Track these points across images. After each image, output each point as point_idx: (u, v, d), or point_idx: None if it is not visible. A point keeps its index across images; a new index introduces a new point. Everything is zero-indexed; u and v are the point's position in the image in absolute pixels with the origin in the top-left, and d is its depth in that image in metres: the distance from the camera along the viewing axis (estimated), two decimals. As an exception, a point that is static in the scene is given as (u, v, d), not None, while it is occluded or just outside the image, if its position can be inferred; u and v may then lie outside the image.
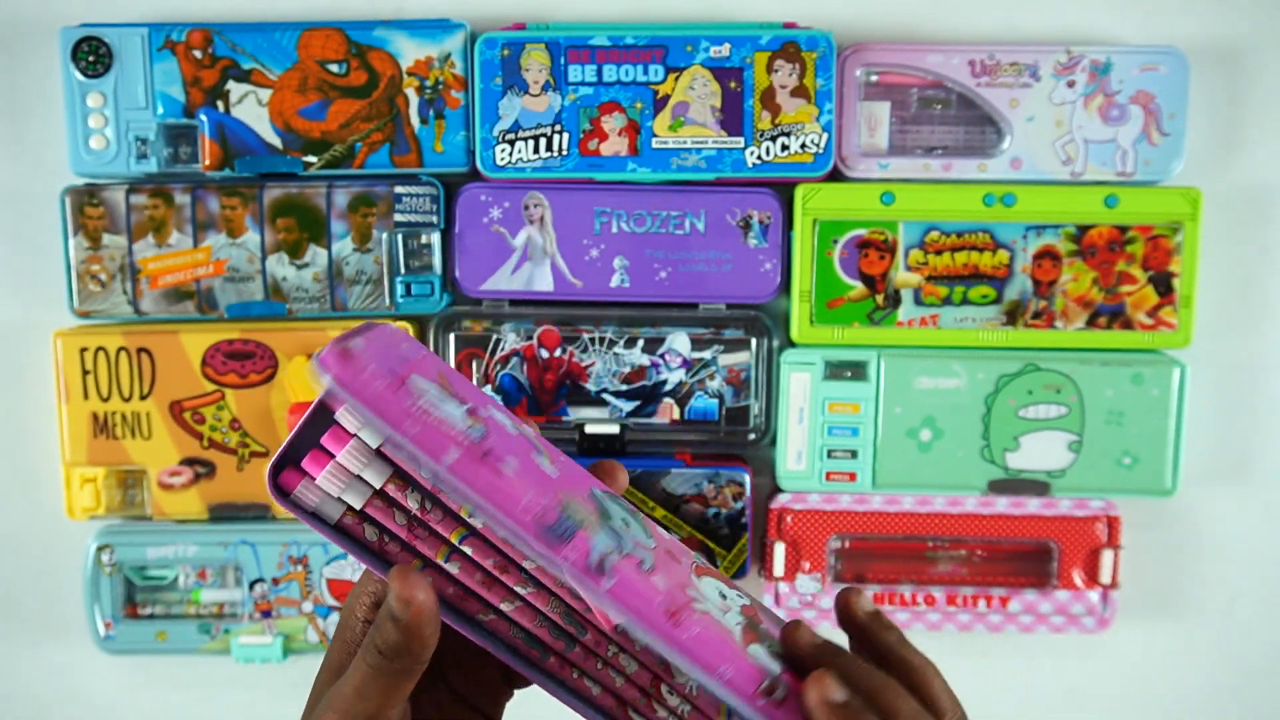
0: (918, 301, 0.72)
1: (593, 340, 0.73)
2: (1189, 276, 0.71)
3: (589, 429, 0.73)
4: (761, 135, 0.70)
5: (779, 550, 0.74)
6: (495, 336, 0.73)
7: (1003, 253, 0.71)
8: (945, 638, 0.78)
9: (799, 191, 0.71)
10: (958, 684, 0.87)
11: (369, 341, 0.36)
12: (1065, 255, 0.71)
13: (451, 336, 0.73)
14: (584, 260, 0.72)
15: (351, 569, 0.75)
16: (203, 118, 0.71)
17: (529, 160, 0.70)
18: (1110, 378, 0.72)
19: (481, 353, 0.73)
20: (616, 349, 0.73)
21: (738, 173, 0.70)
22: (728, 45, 0.69)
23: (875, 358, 0.72)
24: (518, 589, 0.38)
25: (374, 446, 0.37)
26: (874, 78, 0.71)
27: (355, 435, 0.37)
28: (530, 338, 0.73)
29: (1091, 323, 0.72)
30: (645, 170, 0.70)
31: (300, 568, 0.74)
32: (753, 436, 0.74)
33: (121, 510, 0.74)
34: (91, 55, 0.70)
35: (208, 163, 0.71)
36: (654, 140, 0.70)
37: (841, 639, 0.41)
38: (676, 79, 0.70)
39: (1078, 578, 0.74)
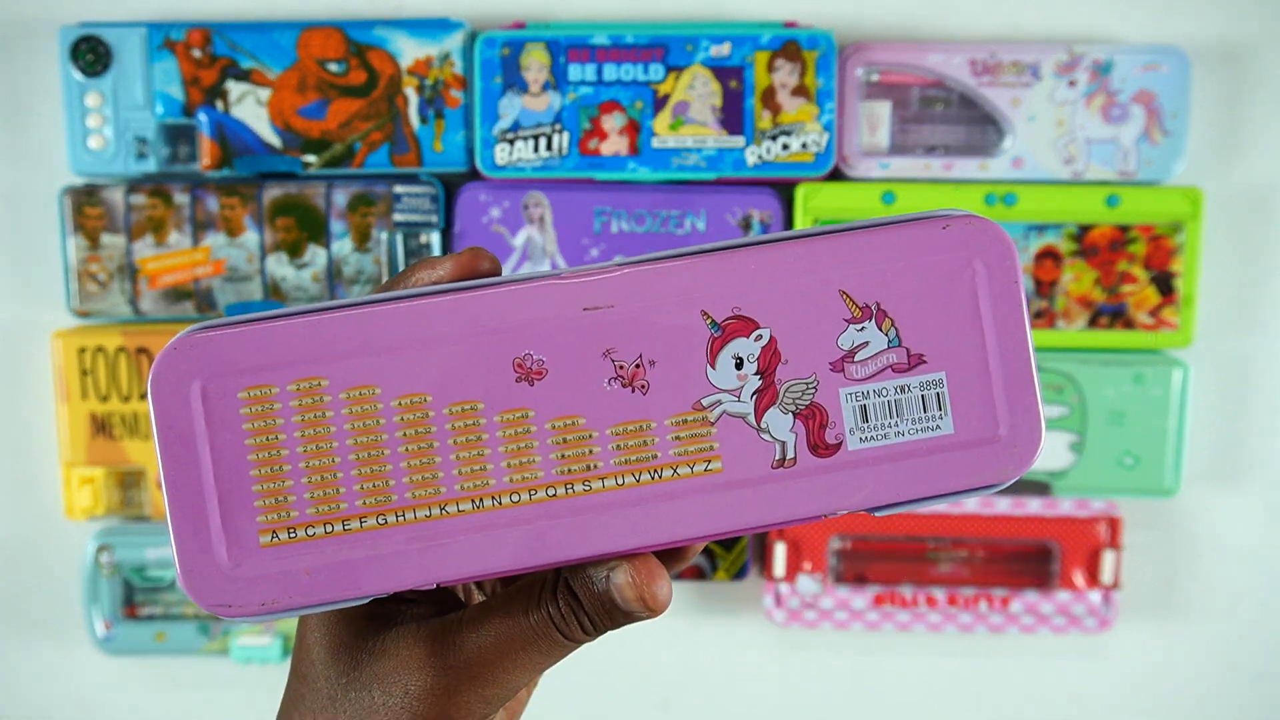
0: (919, 301, 0.72)
1: (593, 340, 0.73)
2: (1190, 276, 0.71)
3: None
4: (762, 135, 0.70)
5: (779, 550, 0.74)
6: (495, 336, 0.73)
7: (1004, 252, 0.71)
8: (946, 639, 0.78)
9: (800, 191, 0.70)
10: (959, 684, 0.87)
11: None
12: (1066, 255, 0.71)
13: (451, 336, 0.73)
14: (584, 260, 0.72)
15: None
16: (202, 117, 0.70)
17: (529, 160, 0.70)
18: (1112, 378, 0.71)
19: (481, 353, 0.73)
20: (617, 349, 0.73)
21: (738, 172, 0.70)
22: (728, 44, 0.69)
23: (876, 358, 0.72)
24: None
25: None
26: (875, 77, 0.71)
27: None
28: (530, 338, 0.73)
29: (1093, 322, 0.72)
30: (645, 170, 0.70)
31: (299, 568, 0.74)
32: (753, 437, 0.74)
33: (120, 511, 0.74)
34: (90, 54, 0.70)
35: (207, 162, 0.71)
36: (654, 140, 0.70)
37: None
38: (677, 78, 0.70)
39: (1079, 578, 0.74)
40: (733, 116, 0.70)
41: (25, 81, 0.74)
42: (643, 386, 0.29)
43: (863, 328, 0.30)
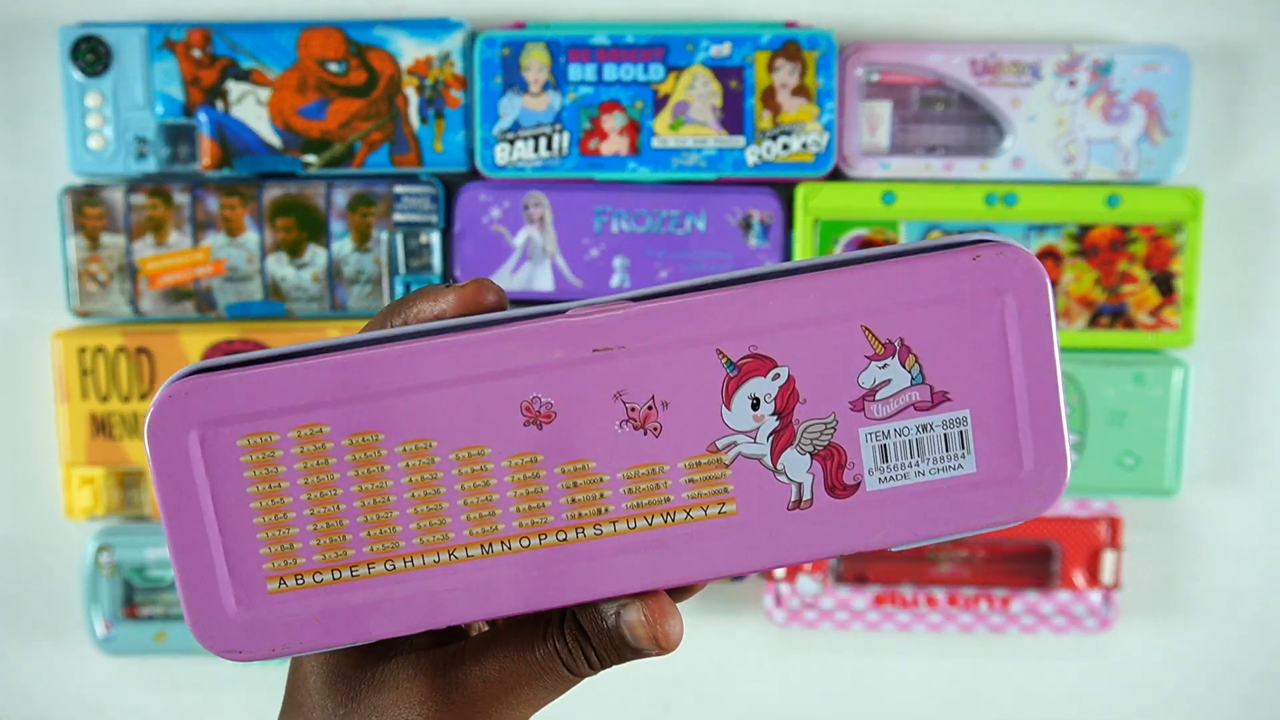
0: (919, 301, 0.72)
1: (593, 340, 0.73)
2: (1191, 276, 0.71)
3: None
4: (762, 135, 0.70)
5: (780, 551, 0.74)
6: (495, 336, 0.73)
7: (1004, 252, 0.71)
8: (946, 639, 0.78)
9: (800, 191, 0.70)
10: (960, 685, 0.87)
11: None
12: (1067, 255, 0.71)
13: (451, 336, 0.73)
14: (584, 260, 0.72)
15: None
16: (202, 117, 0.70)
17: (529, 160, 0.70)
18: (1112, 378, 0.71)
19: (481, 353, 0.73)
20: (617, 349, 0.73)
21: (738, 172, 0.70)
22: (728, 44, 0.69)
23: (876, 358, 0.72)
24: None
25: None
26: (875, 77, 0.71)
27: None
28: (530, 338, 0.73)
29: (1093, 322, 0.72)
30: (645, 170, 0.70)
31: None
32: (753, 437, 0.74)
33: (120, 511, 0.74)
34: (91, 54, 0.70)
35: (207, 162, 0.71)
36: (654, 140, 0.70)
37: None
38: (677, 78, 0.69)
39: (1079, 578, 0.74)
40: (733, 116, 0.70)
41: (25, 81, 0.74)
42: (655, 429, 0.28)
43: (885, 365, 0.29)
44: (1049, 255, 0.71)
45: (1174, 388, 0.71)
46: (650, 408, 0.28)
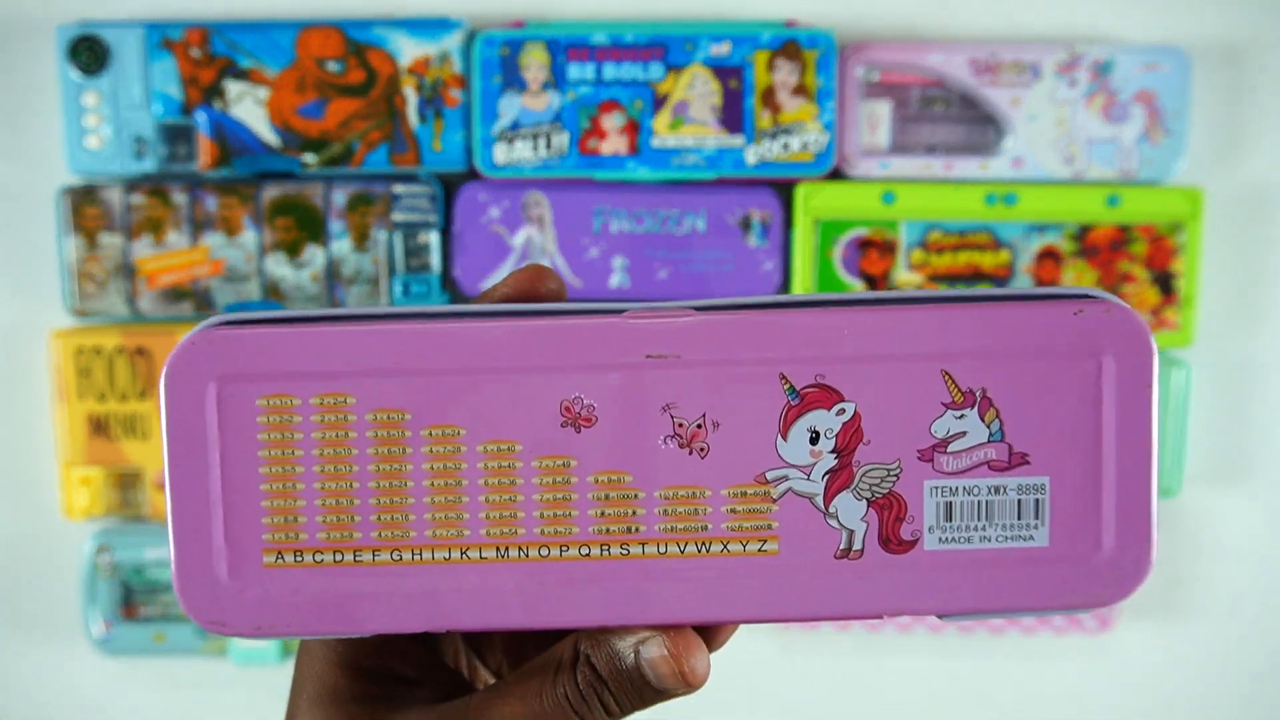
0: (919, 301, 0.72)
1: (592, 340, 0.73)
2: (1191, 276, 0.71)
3: (588, 429, 0.73)
4: (762, 134, 0.70)
5: (779, 551, 0.74)
6: (494, 336, 0.72)
7: (1004, 252, 0.71)
8: (947, 639, 0.78)
9: (800, 191, 0.70)
10: (960, 684, 0.87)
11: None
12: (1067, 255, 0.71)
13: (450, 336, 0.73)
14: (583, 260, 0.71)
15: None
16: (200, 117, 0.70)
17: (528, 159, 0.70)
18: (1112, 378, 0.71)
19: (480, 353, 0.73)
20: (616, 349, 0.73)
21: (738, 172, 0.70)
22: (728, 43, 0.69)
23: (876, 358, 0.72)
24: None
25: None
26: (875, 77, 0.71)
27: None
28: (529, 338, 0.72)
29: (1093, 323, 0.72)
30: (645, 169, 0.70)
31: (298, 569, 0.74)
32: (753, 437, 0.73)
33: (119, 511, 0.74)
34: (88, 54, 0.70)
35: (205, 162, 0.71)
36: (654, 139, 0.70)
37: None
38: (676, 77, 0.69)
39: (1079, 579, 0.74)
40: (733, 116, 0.70)
41: (23, 81, 0.74)
42: (702, 449, 0.26)
43: (962, 415, 0.27)
44: (1049, 255, 0.71)
45: (1174, 388, 0.71)
46: (700, 426, 0.26)
